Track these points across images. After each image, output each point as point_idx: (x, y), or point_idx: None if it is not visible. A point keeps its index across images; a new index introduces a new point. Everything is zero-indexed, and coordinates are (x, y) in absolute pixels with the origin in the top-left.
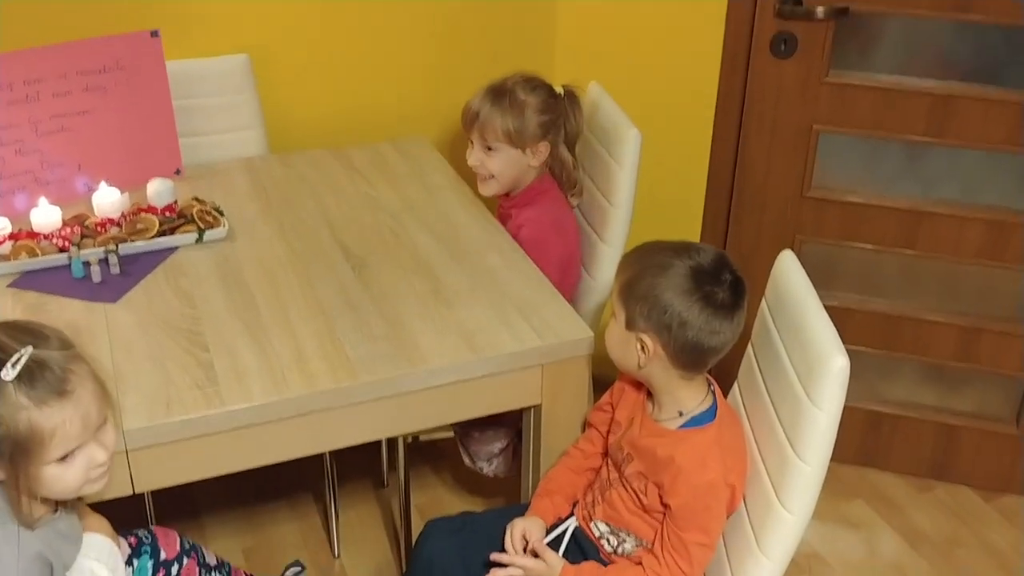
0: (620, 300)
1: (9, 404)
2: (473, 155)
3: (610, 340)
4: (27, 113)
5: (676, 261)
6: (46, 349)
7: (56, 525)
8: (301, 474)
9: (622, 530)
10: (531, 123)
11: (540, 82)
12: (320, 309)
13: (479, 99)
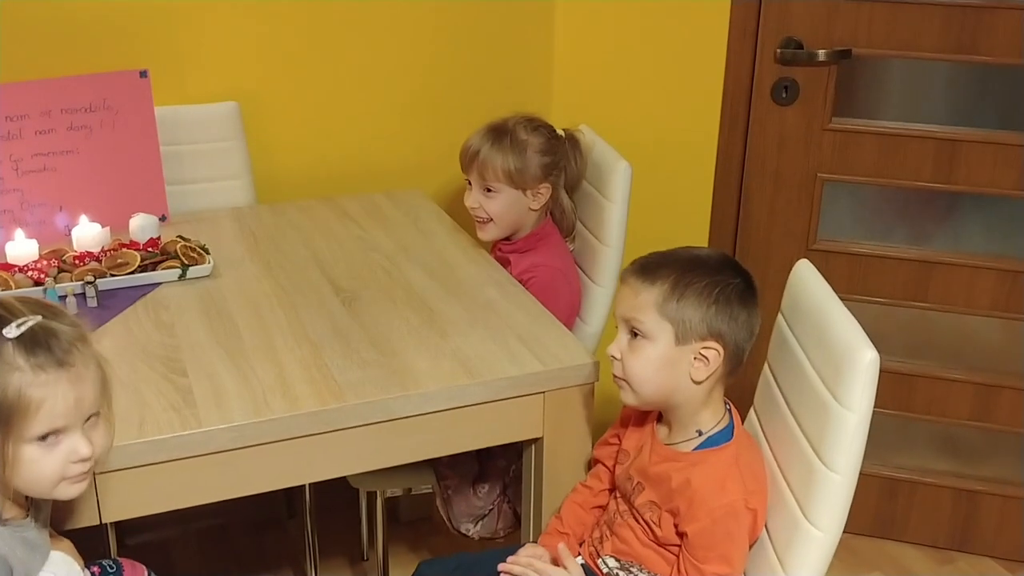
0: (660, 315)
1: (3, 363)
2: (472, 196)
3: (645, 370)
4: (8, 150)
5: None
6: (58, 322)
7: (24, 532)
8: (281, 546)
9: (634, 565)
10: (532, 163)
11: (542, 122)
12: (307, 338)
13: (479, 138)
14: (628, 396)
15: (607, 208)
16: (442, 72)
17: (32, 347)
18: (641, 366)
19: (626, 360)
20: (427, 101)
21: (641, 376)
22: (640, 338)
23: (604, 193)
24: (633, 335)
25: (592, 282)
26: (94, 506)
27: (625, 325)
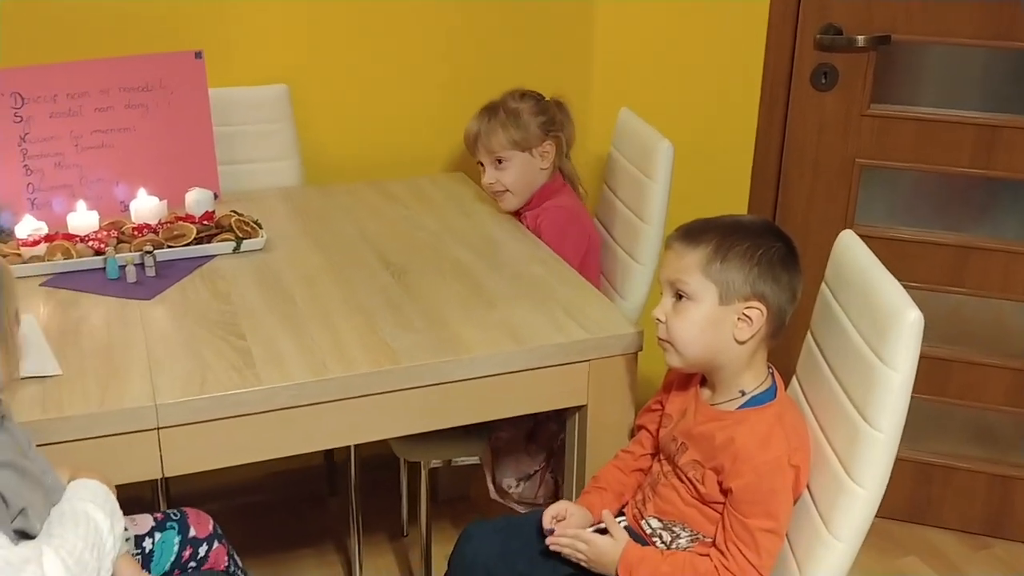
0: (705, 276)
1: None
2: (487, 175)
3: (690, 330)
4: (69, 126)
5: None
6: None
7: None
8: (322, 523)
9: (676, 524)
10: (530, 125)
11: (527, 91)
12: (359, 308)
13: (475, 121)
14: (673, 358)
15: (648, 187)
16: (484, 57)
17: None
18: (686, 327)
19: (671, 322)
20: (470, 86)
21: (686, 337)
22: (685, 300)
23: (646, 172)
24: (678, 297)
25: (632, 260)
26: (156, 460)
27: (670, 288)
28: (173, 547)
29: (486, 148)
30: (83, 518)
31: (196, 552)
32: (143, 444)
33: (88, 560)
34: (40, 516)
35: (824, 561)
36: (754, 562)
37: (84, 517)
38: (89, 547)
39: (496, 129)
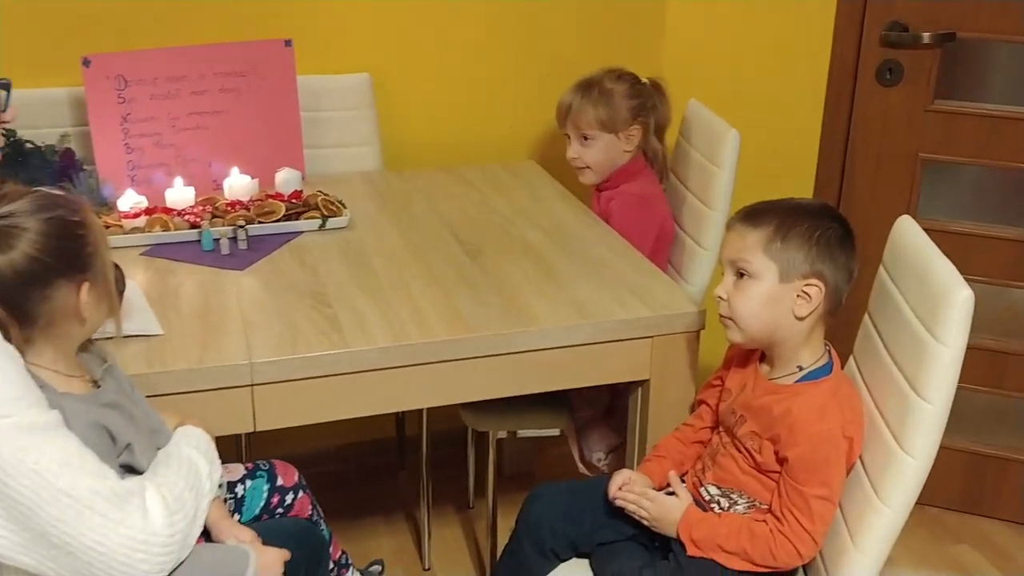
0: (766, 255)
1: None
2: (571, 148)
3: (751, 307)
4: (167, 108)
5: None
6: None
7: (103, 399)
8: (396, 493)
9: (734, 491)
10: (621, 108)
11: (625, 72)
12: (437, 282)
13: (570, 94)
14: (734, 334)
15: (715, 174)
16: (556, 51)
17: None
18: (747, 304)
19: (732, 299)
20: (541, 79)
21: (747, 313)
22: (746, 278)
23: (712, 160)
24: (739, 276)
25: (697, 245)
26: (249, 415)
27: (732, 267)
28: (262, 494)
29: (574, 124)
30: (185, 462)
31: (283, 499)
32: (238, 399)
33: (187, 499)
34: (145, 455)
35: (874, 527)
36: (808, 527)
37: (187, 461)
38: (188, 488)
39: (587, 107)
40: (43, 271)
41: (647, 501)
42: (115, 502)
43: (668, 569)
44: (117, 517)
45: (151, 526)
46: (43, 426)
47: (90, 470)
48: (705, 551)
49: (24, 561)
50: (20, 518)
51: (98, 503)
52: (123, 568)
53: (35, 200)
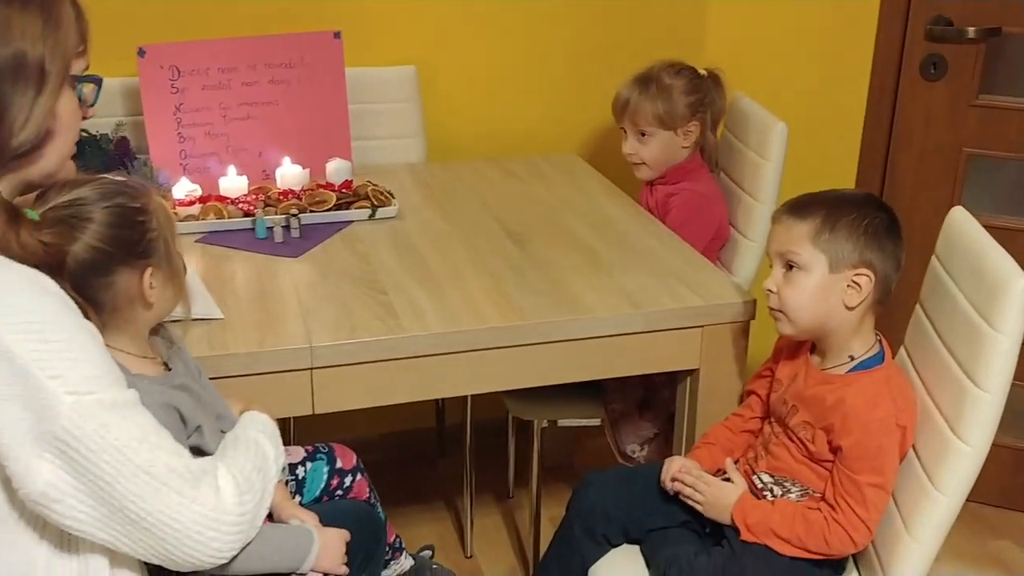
0: (814, 246)
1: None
2: (628, 144)
3: (801, 298)
4: (218, 99)
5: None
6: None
7: (174, 381)
8: (436, 482)
9: (787, 480)
10: (679, 104)
11: (684, 66)
12: (486, 271)
13: (627, 88)
14: (785, 326)
15: (762, 166)
16: (597, 44)
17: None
18: (797, 295)
19: (783, 292)
20: (582, 71)
21: (797, 304)
22: (796, 270)
23: (760, 152)
24: (788, 268)
25: (743, 236)
26: (308, 397)
27: (780, 260)
28: (322, 476)
29: (631, 120)
30: (253, 444)
31: (342, 482)
32: (297, 382)
33: (255, 480)
34: (213, 437)
35: (929, 514)
36: (862, 515)
37: (254, 444)
38: (256, 469)
39: (645, 103)
40: (103, 259)
41: (703, 485)
42: (190, 480)
43: (722, 555)
44: (191, 495)
45: (223, 505)
46: (123, 404)
47: (167, 448)
48: (759, 536)
49: (101, 536)
50: (100, 493)
51: (174, 480)
52: (195, 545)
53: (97, 187)
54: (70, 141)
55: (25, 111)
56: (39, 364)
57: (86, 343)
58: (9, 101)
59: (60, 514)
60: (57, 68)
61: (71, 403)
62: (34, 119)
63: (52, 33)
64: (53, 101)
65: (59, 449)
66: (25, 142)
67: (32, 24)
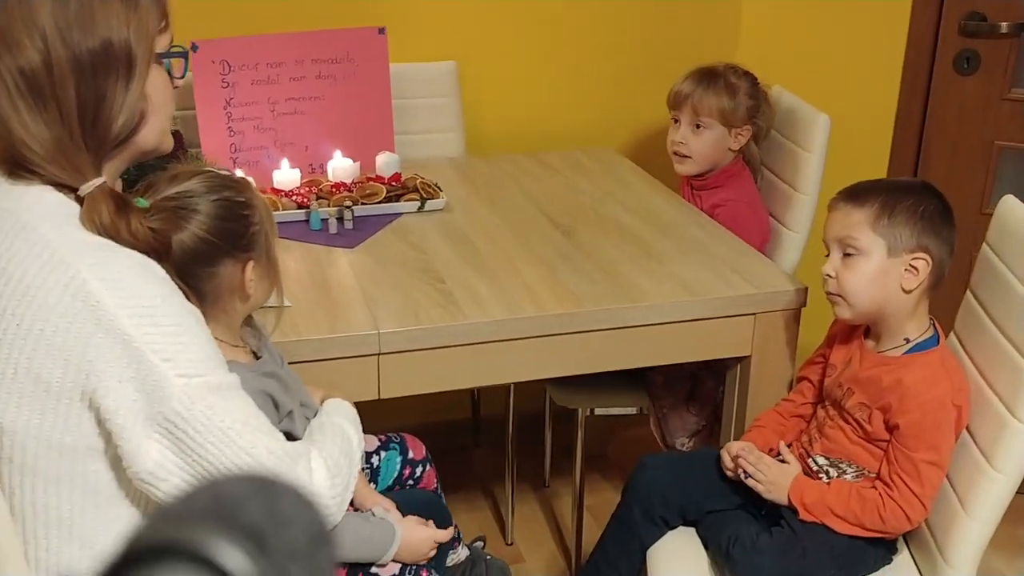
0: (873, 232)
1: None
2: (679, 132)
3: (860, 282)
4: (267, 93)
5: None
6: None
7: (264, 368)
8: (473, 472)
9: (843, 461)
10: (742, 105)
11: (746, 70)
12: (539, 260)
13: (690, 81)
14: (843, 310)
15: (804, 158)
16: (632, 41)
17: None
18: (856, 280)
19: (841, 276)
20: (618, 68)
21: (856, 289)
22: (854, 255)
23: (802, 145)
24: (846, 254)
25: (785, 228)
26: (375, 383)
27: (838, 246)
28: (396, 465)
29: (694, 108)
30: (339, 430)
31: (414, 472)
32: (364, 368)
33: (343, 465)
34: (301, 423)
35: (987, 493)
36: (917, 492)
37: (339, 430)
38: (343, 455)
39: (710, 95)
40: (210, 250)
41: (764, 466)
42: (287, 462)
43: (783, 534)
44: (288, 477)
45: (316, 487)
46: (227, 386)
47: (266, 430)
48: (816, 515)
49: None
50: (203, 474)
51: (272, 462)
52: None
53: (205, 180)
54: (165, 117)
55: (119, 101)
56: (152, 347)
57: (194, 327)
58: (103, 94)
59: (166, 493)
60: (143, 50)
61: (181, 385)
62: (127, 107)
63: (134, 16)
64: (143, 85)
65: (167, 430)
66: (123, 130)
67: (114, 11)
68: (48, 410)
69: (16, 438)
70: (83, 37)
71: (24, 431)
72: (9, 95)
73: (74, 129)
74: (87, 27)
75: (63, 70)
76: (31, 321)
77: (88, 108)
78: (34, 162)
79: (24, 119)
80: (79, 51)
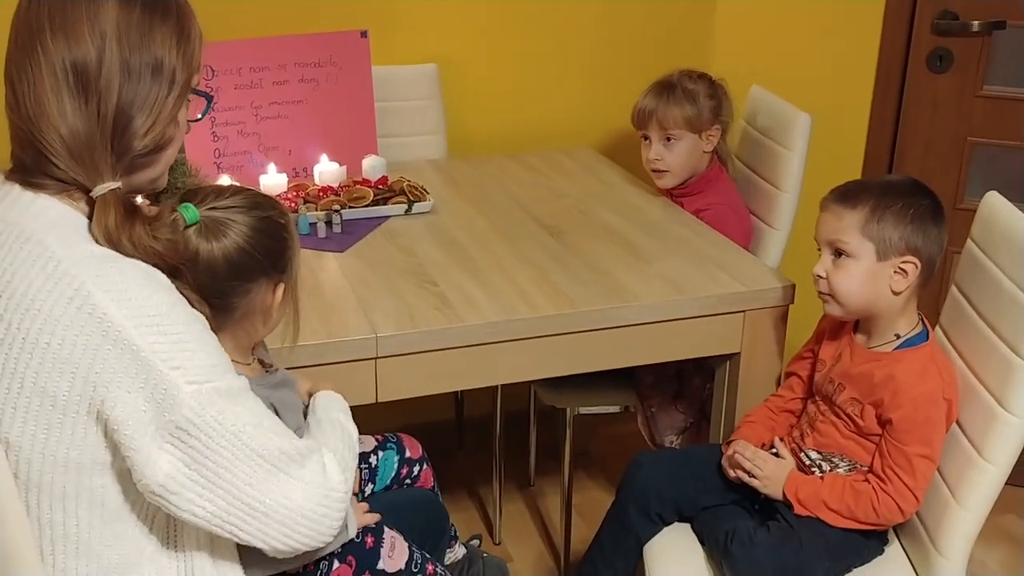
0: (863, 235)
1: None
2: (652, 150)
3: (850, 284)
4: (250, 98)
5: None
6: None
7: (273, 379)
8: (457, 473)
9: (835, 455)
10: (704, 108)
11: (699, 72)
12: (529, 261)
13: (650, 96)
14: (834, 308)
15: (786, 157)
16: (610, 42)
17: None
18: (847, 282)
19: (832, 277)
20: (596, 68)
21: (847, 290)
22: (844, 257)
23: (783, 143)
24: (837, 255)
25: (768, 226)
26: (372, 387)
27: (829, 247)
28: (393, 465)
29: (660, 123)
30: (338, 425)
31: (411, 471)
32: (362, 372)
33: (348, 460)
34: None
35: (978, 484)
36: (910, 485)
37: (339, 425)
38: (347, 449)
39: (672, 107)
40: (250, 263)
41: (760, 462)
42: (299, 460)
43: (780, 529)
44: (299, 475)
45: (331, 482)
46: (237, 391)
47: (277, 431)
48: (810, 509)
49: (219, 529)
50: (217, 481)
51: (284, 462)
52: (310, 524)
53: (249, 197)
54: (175, 152)
55: (154, 115)
56: (160, 356)
57: (201, 333)
58: (142, 103)
59: (178, 507)
60: (184, 78)
61: (191, 392)
62: (160, 124)
63: (185, 44)
64: (179, 107)
65: (179, 439)
66: (149, 144)
67: (170, 35)
68: (54, 424)
69: (22, 453)
70: (139, 45)
71: (30, 446)
72: (56, 81)
73: (107, 128)
74: (144, 38)
75: (112, 70)
76: (37, 334)
77: (124, 113)
78: (56, 152)
79: (64, 107)
80: (132, 57)
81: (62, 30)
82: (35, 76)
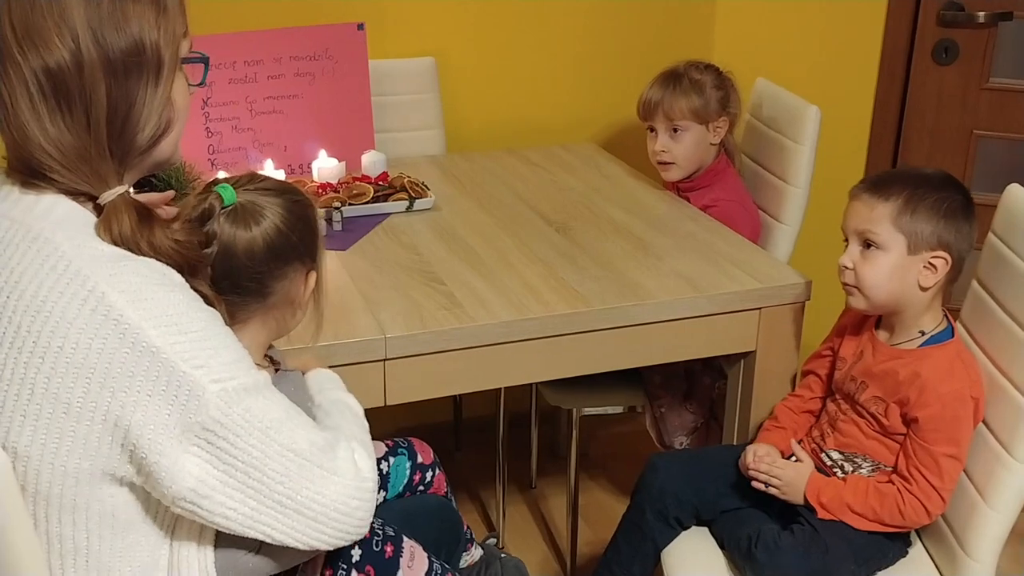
0: (895, 227)
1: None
2: (658, 142)
3: (878, 277)
4: (245, 92)
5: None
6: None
7: (283, 379)
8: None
9: (858, 455)
10: (712, 99)
11: (706, 63)
12: (536, 258)
13: (657, 87)
14: (859, 301)
15: (795, 151)
16: (610, 35)
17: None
18: (874, 274)
19: (859, 269)
20: (596, 62)
21: (874, 283)
22: (874, 248)
23: (792, 137)
24: (866, 246)
25: (776, 221)
26: (381, 389)
27: (857, 237)
28: (405, 471)
29: (666, 114)
30: (344, 406)
31: (424, 477)
32: (370, 374)
33: (368, 443)
34: None
35: (1007, 484)
36: (936, 485)
37: (345, 406)
38: (361, 428)
39: (679, 98)
40: (288, 247)
41: (778, 470)
42: (328, 452)
43: (805, 532)
44: (331, 467)
45: (361, 472)
46: (261, 386)
47: (304, 423)
48: (834, 513)
49: (252, 531)
50: (247, 480)
51: (315, 455)
52: (342, 518)
53: (281, 184)
54: (182, 126)
55: (148, 106)
56: (182, 356)
57: (219, 330)
58: (133, 98)
59: (209, 511)
60: (170, 54)
61: (216, 391)
62: (155, 112)
63: (163, 18)
64: (170, 89)
65: (206, 440)
66: (149, 137)
67: (145, 11)
68: (67, 433)
69: (31, 464)
70: (116, 37)
71: (39, 456)
72: (30, 99)
73: (101, 135)
74: (120, 27)
75: (95, 71)
76: (48, 337)
77: (118, 113)
78: (53, 169)
79: (45, 125)
80: (111, 52)
81: (27, 38)
82: (10, 95)
